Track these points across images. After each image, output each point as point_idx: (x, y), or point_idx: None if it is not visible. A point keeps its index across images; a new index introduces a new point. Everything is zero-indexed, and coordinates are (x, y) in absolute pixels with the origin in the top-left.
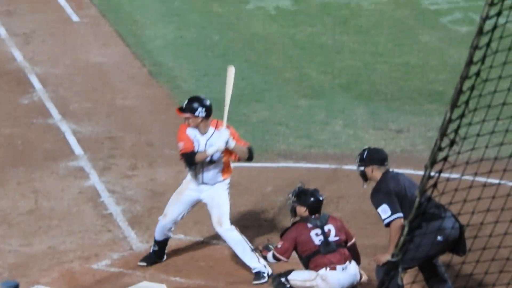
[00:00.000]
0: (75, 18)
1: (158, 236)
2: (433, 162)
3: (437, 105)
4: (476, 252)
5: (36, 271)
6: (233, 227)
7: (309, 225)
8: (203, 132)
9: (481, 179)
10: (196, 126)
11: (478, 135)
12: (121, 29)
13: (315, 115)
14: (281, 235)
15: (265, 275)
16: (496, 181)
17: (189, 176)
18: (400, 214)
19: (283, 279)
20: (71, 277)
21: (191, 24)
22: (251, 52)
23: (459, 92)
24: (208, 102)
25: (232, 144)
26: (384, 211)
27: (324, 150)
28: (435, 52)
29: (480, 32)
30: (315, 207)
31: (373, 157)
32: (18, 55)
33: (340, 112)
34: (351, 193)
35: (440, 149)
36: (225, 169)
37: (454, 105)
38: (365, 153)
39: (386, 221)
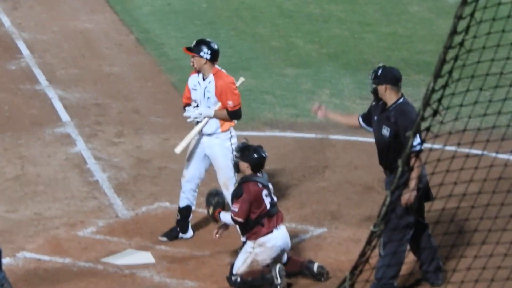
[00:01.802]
0: None
1: (180, 201)
2: (416, 131)
3: (424, 76)
4: (459, 223)
5: (21, 237)
6: None
7: (259, 185)
8: (205, 77)
9: (464, 149)
10: (200, 69)
11: (461, 105)
12: None
13: (302, 84)
14: (233, 197)
15: None
16: (479, 151)
17: None
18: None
19: (233, 279)
20: (56, 243)
21: None
22: (238, 20)
23: (443, 62)
24: (215, 46)
25: (210, 113)
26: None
27: (310, 119)
28: (423, 22)
29: (465, 2)
30: (258, 164)
31: (387, 75)
32: (5, 20)
33: (327, 81)
34: (337, 163)
35: (423, 118)
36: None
37: (437, 75)
38: (380, 70)
39: (418, 148)
